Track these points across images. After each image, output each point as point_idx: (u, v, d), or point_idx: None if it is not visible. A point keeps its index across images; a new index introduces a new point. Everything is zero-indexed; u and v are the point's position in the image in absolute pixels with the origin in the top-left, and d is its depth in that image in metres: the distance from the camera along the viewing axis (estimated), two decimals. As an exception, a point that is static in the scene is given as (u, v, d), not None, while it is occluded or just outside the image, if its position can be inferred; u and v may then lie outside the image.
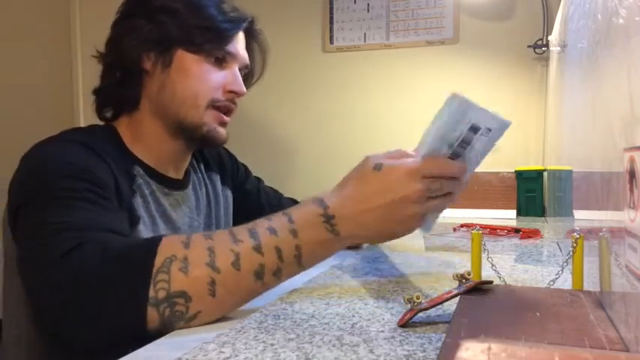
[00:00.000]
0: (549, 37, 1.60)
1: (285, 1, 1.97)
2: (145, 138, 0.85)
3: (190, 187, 0.94)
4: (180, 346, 0.47)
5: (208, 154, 1.04)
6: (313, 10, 1.94)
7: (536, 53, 1.69)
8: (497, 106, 0.56)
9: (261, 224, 0.59)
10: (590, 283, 0.54)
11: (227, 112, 0.88)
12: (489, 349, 0.36)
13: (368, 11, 1.88)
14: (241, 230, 0.58)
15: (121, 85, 0.84)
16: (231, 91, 0.86)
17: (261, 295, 0.59)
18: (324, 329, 0.51)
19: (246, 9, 0.97)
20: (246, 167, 1.14)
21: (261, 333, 0.50)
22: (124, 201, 0.75)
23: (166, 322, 0.53)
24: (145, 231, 0.80)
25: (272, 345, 0.46)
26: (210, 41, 0.83)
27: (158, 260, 0.54)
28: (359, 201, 0.60)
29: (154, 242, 0.56)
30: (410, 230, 0.62)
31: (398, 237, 0.62)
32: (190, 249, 0.55)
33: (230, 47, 0.86)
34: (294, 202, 1.14)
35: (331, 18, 1.91)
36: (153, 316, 0.53)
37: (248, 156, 1.19)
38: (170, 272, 0.53)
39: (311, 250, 0.58)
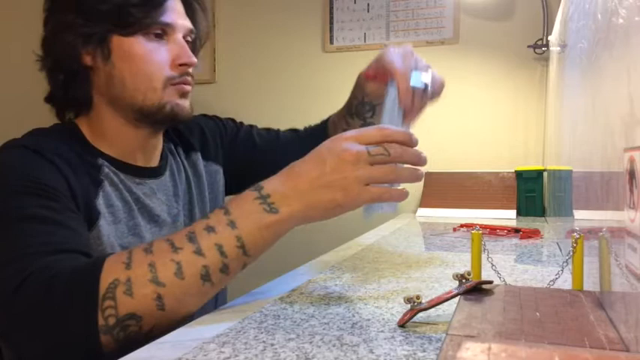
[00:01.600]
0: (549, 37, 1.60)
1: (285, 1, 1.97)
2: (107, 133, 0.82)
3: (167, 173, 0.89)
4: (180, 346, 0.47)
5: (188, 130, 0.98)
6: (313, 10, 1.94)
7: (536, 53, 1.69)
8: (497, 106, 0.57)
9: (199, 225, 0.59)
10: (590, 283, 0.54)
11: (185, 84, 0.83)
12: (489, 349, 0.36)
13: (368, 11, 1.88)
14: (180, 237, 0.58)
15: (68, 87, 0.80)
16: (181, 64, 0.81)
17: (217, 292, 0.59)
18: (324, 329, 0.51)
19: (246, 9, 0.97)
20: (233, 120, 1.09)
21: (261, 333, 0.50)
22: (78, 199, 0.72)
23: (124, 342, 0.54)
24: (116, 221, 0.77)
25: (272, 345, 0.46)
26: (143, 18, 0.78)
27: (102, 286, 0.54)
28: (295, 175, 0.60)
29: (97, 268, 0.56)
30: (356, 199, 0.59)
31: (342, 206, 0.59)
32: (132, 269, 0.55)
33: (165, 18, 0.80)
34: (294, 131, 1.09)
35: (331, 18, 1.91)
36: (108, 341, 0.53)
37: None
38: (115, 297, 0.54)
39: (254, 238, 0.58)
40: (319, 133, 1.04)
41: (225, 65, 2.03)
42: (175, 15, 0.82)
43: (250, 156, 1.03)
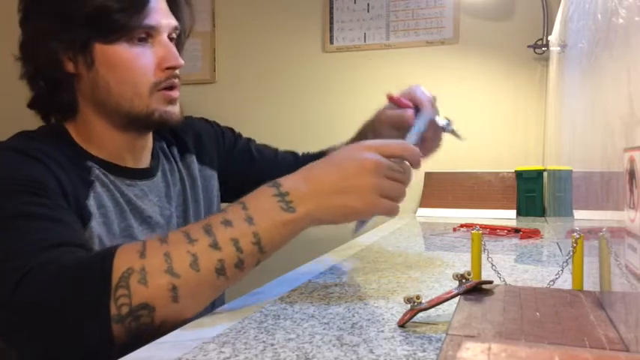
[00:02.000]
0: (549, 37, 1.60)
1: (285, 1, 1.97)
2: (95, 136, 0.80)
3: (159, 174, 0.88)
4: (180, 346, 0.47)
5: (183, 132, 0.96)
6: (313, 10, 1.94)
7: (536, 53, 1.69)
8: (497, 106, 0.57)
9: (216, 218, 0.58)
10: (590, 283, 0.54)
11: (172, 88, 0.80)
12: (489, 349, 0.36)
13: (368, 11, 1.88)
14: (196, 229, 0.58)
15: (51, 94, 0.78)
16: (168, 68, 0.78)
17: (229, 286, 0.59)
18: (324, 329, 0.51)
19: (246, 9, 0.96)
20: (232, 130, 1.07)
21: (261, 333, 0.50)
22: (70, 198, 0.70)
23: (134, 334, 0.53)
24: (108, 222, 0.76)
25: (272, 345, 0.46)
26: (126, 23, 0.74)
27: (115, 275, 0.53)
28: (314, 177, 0.61)
29: (109, 256, 0.55)
30: (371, 208, 0.61)
31: (358, 213, 0.61)
32: (147, 258, 0.55)
33: (149, 20, 0.76)
34: (292, 154, 1.10)
35: (331, 18, 1.91)
36: (119, 331, 0.53)
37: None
38: (129, 286, 0.53)
39: (270, 235, 0.58)
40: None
41: (225, 65, 2.03)
42: (159, 15, 0.78)
43: (247, 170, 1.02)
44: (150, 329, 0.53)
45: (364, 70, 1.88)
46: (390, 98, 0.91)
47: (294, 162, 1.07)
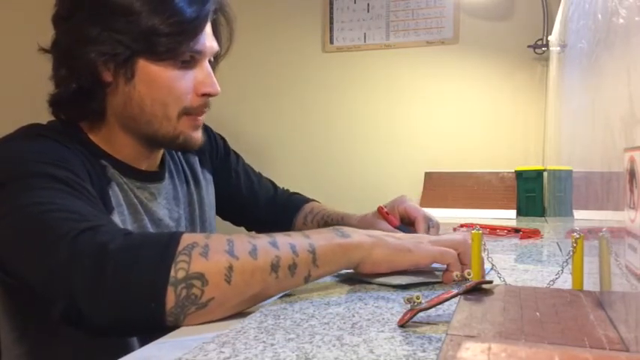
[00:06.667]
0: (549, 37, 1.60)
1: (285, 1, 1.97)
2: (113, 141, 0.80)
3: (167, 176, 0.88)
4: (180, 346, 0.47)
5: None
6: (313, 10, 1.94)
7: (536, 53, 1.69)
8: (497, 106, 0.57)
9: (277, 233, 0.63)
10: (590, 283, 0.54)
11: (200, 114, 0.81)
12: (489, 349, 0.36)
13: (368, 11, 1.88)
14: (257, 234, 0.62)
15: (81, 99, 0.76)
16: (204, 94, 0.79)
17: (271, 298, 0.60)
18: (324, 329, 0.51)
19: (246, 9, 0.96)
20: (224, 140, 1.07)
21: (261, 333, 0.50)
22: (96, 189, 0.72)
23: (180, 306, 0.53)
24: (123, 221, 0.77)
25: (272, 345, 0.46)
26: (175, 47, 0.74)
27: (181, 245, 0.56)
28: (370, 231, 0.68)
29: (177, 232, 0.58)
30: (424, 249, 0.66)
31: (413, 253, 0.65)
32: (211, 239, 0.58)
33: (197, 46, 0.77)
34: (272, 183, 1.13)
35: (331, 18, 1.91)
36: (170, 296, 0.53)
37: (246, 156, 1.19)
38: (191, 255, 0.55)
39: (324, 249, 0.61)
40: (291, 209, 1.10)
41: (224, 65, 2.03)
42: (205, 39, 0.78)
43: (232, 188, 1.06)
44: (194, 306, 0.54)
45: (364, 70, 1.88)
46: (380, 211, 0.95)
47: (273, 192, 1.12)
